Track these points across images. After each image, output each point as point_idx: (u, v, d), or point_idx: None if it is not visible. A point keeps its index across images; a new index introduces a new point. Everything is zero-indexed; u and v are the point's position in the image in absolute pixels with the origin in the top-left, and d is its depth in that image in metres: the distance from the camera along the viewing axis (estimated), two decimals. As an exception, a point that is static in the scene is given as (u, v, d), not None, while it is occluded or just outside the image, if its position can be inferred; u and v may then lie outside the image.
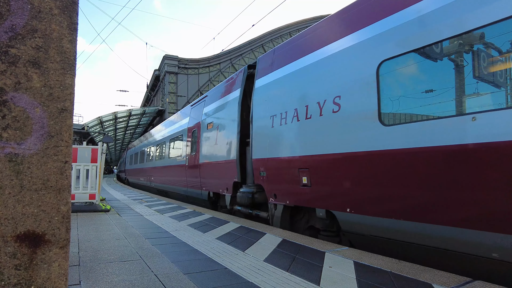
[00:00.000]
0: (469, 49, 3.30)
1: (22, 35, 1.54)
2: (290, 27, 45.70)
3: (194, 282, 2.85)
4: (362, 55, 4.31)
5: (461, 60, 3.39)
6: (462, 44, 3.35)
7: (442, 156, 3.31)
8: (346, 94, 4.48)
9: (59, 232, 1.56)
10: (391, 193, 3.82)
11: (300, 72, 5.54)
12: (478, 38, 3.21)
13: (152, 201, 10.62)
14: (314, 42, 5.41)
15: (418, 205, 3.56)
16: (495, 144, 2.91)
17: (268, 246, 4.25)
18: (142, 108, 39.56)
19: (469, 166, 3.11)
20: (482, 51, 3.23)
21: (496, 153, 2.92)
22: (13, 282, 1.45)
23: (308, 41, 5.60)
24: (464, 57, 3.37)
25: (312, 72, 5.24)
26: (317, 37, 5.38)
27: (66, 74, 1.64)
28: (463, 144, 3.13)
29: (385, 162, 3.84)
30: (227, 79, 8.86)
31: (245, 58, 43.60)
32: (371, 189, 4.06)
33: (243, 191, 6.83)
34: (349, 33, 4.64)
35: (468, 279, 2.93)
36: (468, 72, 3.29)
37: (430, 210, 3.44)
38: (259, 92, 6.70)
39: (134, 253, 3.81)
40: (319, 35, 5.35)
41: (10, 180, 1.47)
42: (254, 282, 2.88)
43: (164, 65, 40.88)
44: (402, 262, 3.50)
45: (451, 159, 3.24)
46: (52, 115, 1.58)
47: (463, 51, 3.37)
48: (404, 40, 3.77)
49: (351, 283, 2.86)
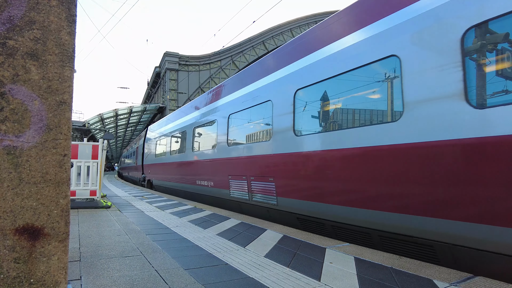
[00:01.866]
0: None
1: (20, 26, 1.52)
2: (291, 23, 45.53)
3: (194, 277, 2.85)
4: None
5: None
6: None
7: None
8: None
9: (58, 226, 1.55)
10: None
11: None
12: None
13: (153, 197, 10.63)
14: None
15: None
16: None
17: (268, 242, 4.24)
18: (143, 105, 39.50)
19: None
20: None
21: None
22: (12, 275, 1.44)
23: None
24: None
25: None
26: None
27: (64, 67, 1.62)
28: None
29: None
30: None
31: (246, 55, 43.48)
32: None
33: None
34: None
35: (469, 275, 2.92)
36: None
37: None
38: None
39: (135, 248, 3.81)
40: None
41: (9, 173, 1.46)
42: (254, 278, 2.87)
43: (165, 62, 40.80)
44: (403, 258, 3.50)
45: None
46: (50, 107, 1.56)
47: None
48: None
49: (352, 279, 2.86)
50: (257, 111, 6.76)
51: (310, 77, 5.19)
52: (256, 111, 6.80)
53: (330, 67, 4.80)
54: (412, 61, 3.62)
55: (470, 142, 3.05)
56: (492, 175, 2.91)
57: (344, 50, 4.61)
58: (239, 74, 8.08)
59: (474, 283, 2.73)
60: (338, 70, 4.65)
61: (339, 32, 4.76)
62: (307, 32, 5.68)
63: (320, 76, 4.97)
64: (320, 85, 5.03)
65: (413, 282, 2.76)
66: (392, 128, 3.79)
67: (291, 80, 5.73)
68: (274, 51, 6.60)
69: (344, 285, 2.70)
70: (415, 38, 3.62)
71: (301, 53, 5.59)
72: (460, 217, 3.17)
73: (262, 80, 6.67)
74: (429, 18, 3.49)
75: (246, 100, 7.16)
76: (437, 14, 3.41)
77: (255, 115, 6.85)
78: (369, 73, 4.23)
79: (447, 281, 2.77)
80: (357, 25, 4.46)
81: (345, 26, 4.69)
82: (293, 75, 5.67)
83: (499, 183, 2.87)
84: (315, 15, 46.17)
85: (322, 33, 5.18)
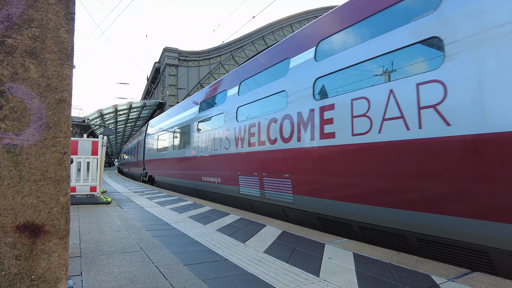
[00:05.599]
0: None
1: (18, 24, 1.52)
2: (291, 18, 45.27)
3: (194, 273, 2.87)
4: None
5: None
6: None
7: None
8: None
9: (58, 223, 1.56)
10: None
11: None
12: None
13: (153, 193, 10.66)
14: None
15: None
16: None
17: (268, 237, 4.27)
18: (142, 100, 39.43)
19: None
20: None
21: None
22: (14, 272, 1.45)
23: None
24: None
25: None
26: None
27: (63, 65, 1.62)
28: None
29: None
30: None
31: (245, 50, 43.30)
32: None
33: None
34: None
35: (467, 271, 2.94)
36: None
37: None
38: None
39: (135, 244, 3.84)
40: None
41: (9, 171, 1.47)
42: (254, 273, 2.90)
43: (164, 57, 40.64)
44: (401, 254, 3.52)
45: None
46: (50, 106, 1.57)
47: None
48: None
49: (350, 274, 2.88)
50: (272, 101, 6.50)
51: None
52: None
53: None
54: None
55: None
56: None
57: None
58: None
59: (471, 278, 2.75)
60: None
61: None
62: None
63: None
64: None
65: (411, 278, 2.78)
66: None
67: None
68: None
69: (343, 281, 2.73)
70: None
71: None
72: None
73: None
74: None
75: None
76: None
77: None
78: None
79: (444, 277, 2.79)
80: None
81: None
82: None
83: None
84: (316, 10, 45.89)
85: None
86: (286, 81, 6.02)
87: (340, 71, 4.79)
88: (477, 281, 2.68)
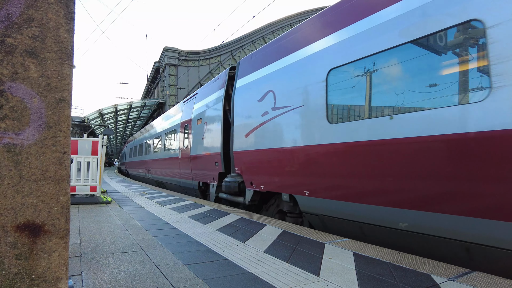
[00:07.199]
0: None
1: (18, 24, 1.52)
2: (291, 18, 45.28)
3: (194, 272, 2.87)
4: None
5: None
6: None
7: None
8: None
9: (58, 222, 1.56)
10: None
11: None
12: None
13: (153, 193, 10.67)
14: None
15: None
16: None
17: (268, 237, 4.27)
18: (142, 100, 39.45)
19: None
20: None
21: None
22: (14, 271, 1.45)
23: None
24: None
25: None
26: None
27: (63, 64, 1.62)
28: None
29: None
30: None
31: (245, 50, 43.30)
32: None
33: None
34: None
35: (467, 270, 2.94)
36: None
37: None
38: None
39: (135, 244, 3.84)
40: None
41: (9, 170, 1.47)
42: (254, 273, 2.90)
43: (164, 57, 40.64)
44: (402, 254, 3.52)
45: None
46: (50, 105, 1.57)
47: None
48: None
49: (350, 274, 2.88)
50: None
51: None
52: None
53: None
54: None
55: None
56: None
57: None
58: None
59: (471, 278, 2.75)
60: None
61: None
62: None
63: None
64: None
65: (412, 277, 2.78)
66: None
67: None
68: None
69: (343, 280, 2.73)
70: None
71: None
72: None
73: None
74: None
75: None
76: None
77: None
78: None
79: (445, 276, 2.79)
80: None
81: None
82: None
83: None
84: (316, 10, 45.88)
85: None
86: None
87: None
88: (477, 281, 2.68)
